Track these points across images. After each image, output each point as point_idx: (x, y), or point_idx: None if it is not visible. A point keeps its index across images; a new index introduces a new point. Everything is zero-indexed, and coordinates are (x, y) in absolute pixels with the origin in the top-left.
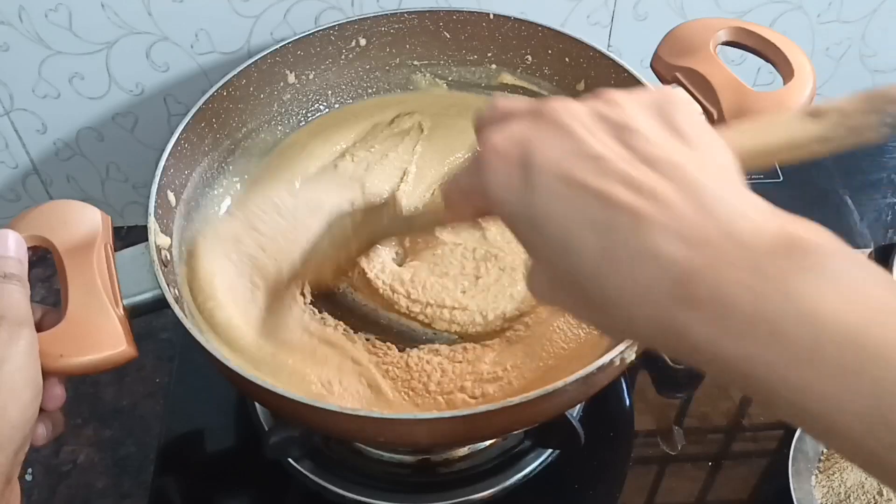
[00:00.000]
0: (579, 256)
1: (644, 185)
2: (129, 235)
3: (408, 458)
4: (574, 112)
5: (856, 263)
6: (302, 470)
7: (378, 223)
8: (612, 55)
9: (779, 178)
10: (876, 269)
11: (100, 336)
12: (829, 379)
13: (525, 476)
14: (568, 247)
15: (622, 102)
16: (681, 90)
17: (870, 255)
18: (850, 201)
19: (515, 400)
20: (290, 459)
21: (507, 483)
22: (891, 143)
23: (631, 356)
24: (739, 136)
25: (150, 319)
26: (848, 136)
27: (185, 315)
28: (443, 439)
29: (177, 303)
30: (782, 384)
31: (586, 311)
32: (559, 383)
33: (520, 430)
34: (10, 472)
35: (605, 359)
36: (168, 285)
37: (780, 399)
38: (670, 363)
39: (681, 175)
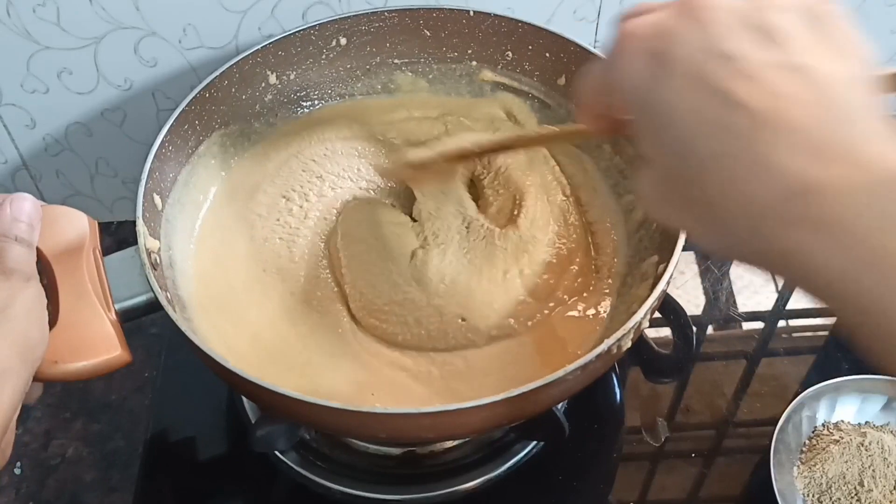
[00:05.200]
0: (696, 158)
1: (775, 89)
2: (119, 230)
3: (393, 451)
4: (721, 10)
5: None
6: (288, 462)
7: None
8: (592, 49)
9: None
10: None
11: (93, 341)
12: None
13: (510, 468)
14: (687, 146)
15: (774, 7)
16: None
17: None
18: None
19: (515, 392)
20: (276, 452)
21: (493, 474)
22: None
23: (627, 344)
24: None
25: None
26: None
27: (178, 317)
28: (435, 433)
29: (169, 304)
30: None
31: (693, 223)
32: (559, 372)
33: (517, 422)
34: (15, 403)
35: (603, 346)
36: (160, 288)
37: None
38: (657, 350)
39: (823, 83)
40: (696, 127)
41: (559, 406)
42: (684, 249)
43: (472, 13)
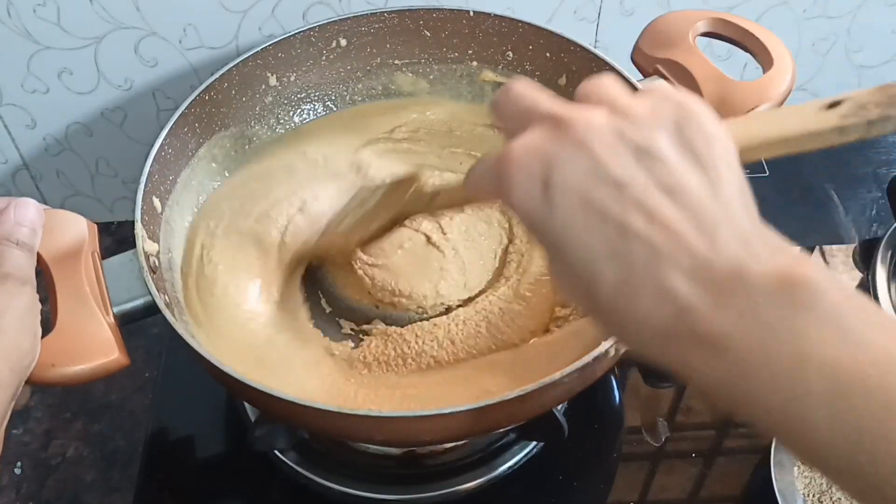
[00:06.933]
0: (595, 284)
1: (662, 217)
2: (119, 230)
3: (393, 451)
4: (596, 128)
5: (847, 299)
6: (288, 462)
7: (402, 199)
8: (592, 49)
9: (765, 172)
10: (867, 307)
11: (91, 345)
12: (820, 414)
13: (510, 468)
14: (585, 273)
15: (643, 120)
16: (698, 100)
17: (854, 250)
18: (835, 196)
19: (512, 394)
20: (276, 451)
21: (493, 475)
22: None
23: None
24: (757, 125)
25: None
26: (865, 127)
27: (177, 320)
28: (432, 436)
29: (168, 308)
30: (775, 416)
31: (604, 325)
32: (556, 375)
33: (516, 424)
34: (4, 413)
35: (601, 348)
36: (158, 291)
37: (777, 429)
38: None
39: (696, 206)
40: (594, 258)
41: (558, 406)
42: None
43: (472, 13)
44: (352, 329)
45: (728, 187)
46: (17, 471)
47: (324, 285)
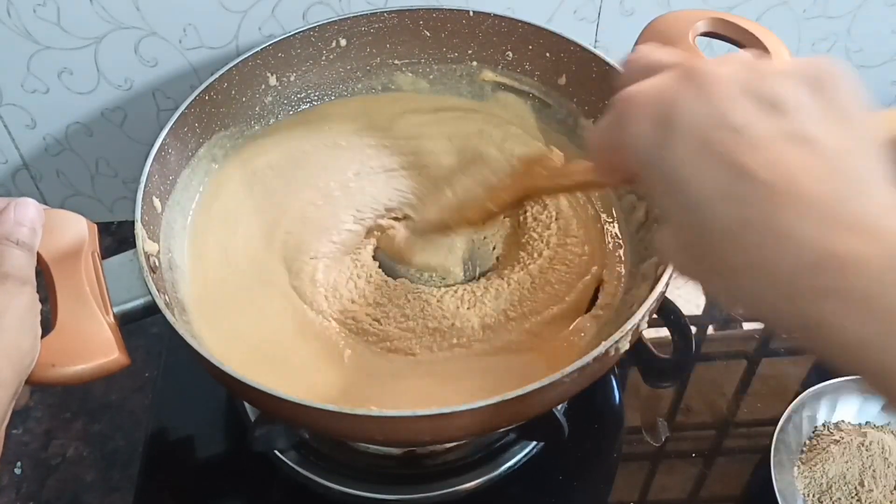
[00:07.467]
0: (710, 225)
1: (786, 161)
2: (119, 230)
3: (394, 451)
4: (723, 77)
5: None
6: (288, 462)
7: (535, 176)
8: (592, 49)
9: None
10: None
11: (91, 344)
12: None
13: (510, 468)
14: (702, 213)
15: (776, 74)
16: (846, 69)
17: None
18: None
19: (513, 394)
20: (276, 451)
21: (493, 475)
22: None
23: (625, 346)
24: None
25: None
26: None
27: (176, 319)
28: (433, 435)
29: (168, 308)
30: None
31: (718, 287)
32: (556, 375)
33: (516, 424)
34: (4, 413)
35: (601, 348)
36: (158, 291)
37: None
38: (656, 354)
39: (831, 155)
40: (709, 195)
41: (558, 406)
42: None
43: (472, 13)
44: None
45: (869, 145)
46: (17, 471)
47: None
